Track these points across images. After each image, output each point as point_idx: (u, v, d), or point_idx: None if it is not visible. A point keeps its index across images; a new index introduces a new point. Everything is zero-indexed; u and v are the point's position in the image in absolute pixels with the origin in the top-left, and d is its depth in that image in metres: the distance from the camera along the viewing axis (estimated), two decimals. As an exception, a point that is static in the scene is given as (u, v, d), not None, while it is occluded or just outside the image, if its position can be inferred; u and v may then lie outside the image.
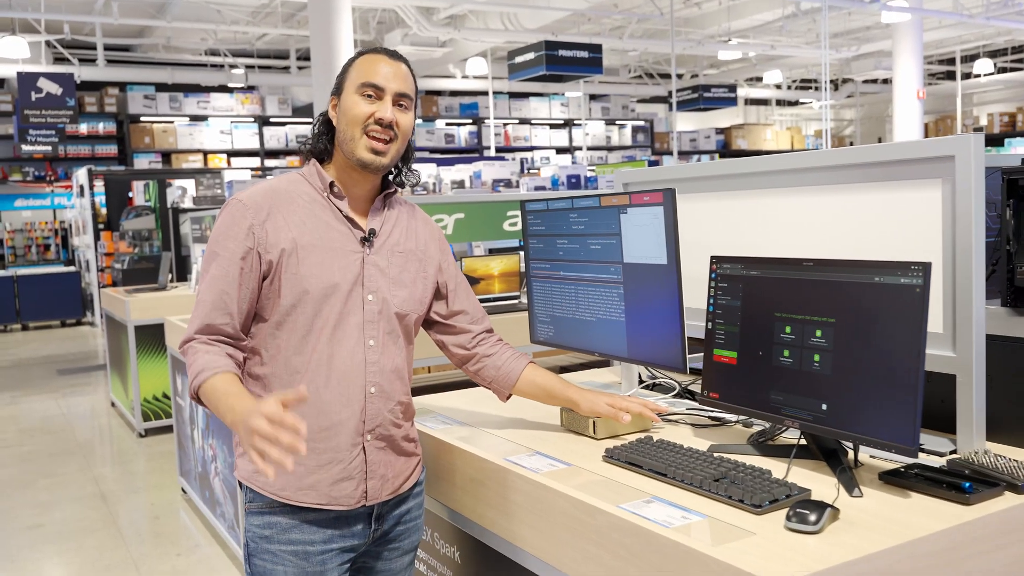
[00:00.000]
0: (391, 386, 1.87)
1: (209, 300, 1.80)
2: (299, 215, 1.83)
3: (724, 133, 20.66)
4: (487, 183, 9.66)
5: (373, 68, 1.85)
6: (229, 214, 1.83)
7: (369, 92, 1.83)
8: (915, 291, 1.54)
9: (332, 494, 1.81)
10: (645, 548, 1.45)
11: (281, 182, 1.89)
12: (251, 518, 1.85)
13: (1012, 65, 20.59)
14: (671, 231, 2.02)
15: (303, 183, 1.89)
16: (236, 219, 1.81)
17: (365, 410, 1.83)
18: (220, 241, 1.81)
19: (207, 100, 15.61)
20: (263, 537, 1.82)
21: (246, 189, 1.88)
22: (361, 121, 1.82)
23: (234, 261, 1.79)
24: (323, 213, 1.86)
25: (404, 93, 1.86)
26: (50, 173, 15.13)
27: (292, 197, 1.85)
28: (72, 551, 4.36)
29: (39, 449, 6.31)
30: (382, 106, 1.83)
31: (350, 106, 1.84)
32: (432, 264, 2.00)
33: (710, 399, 1.94)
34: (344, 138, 1.85)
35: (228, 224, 1.82)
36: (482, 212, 4.98)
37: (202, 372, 1.73)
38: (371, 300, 1.85)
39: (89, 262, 12.42)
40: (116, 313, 6.78)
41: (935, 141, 1.76)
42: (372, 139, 1.82)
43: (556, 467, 1.81)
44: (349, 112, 1.84)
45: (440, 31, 13.18)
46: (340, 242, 1.84)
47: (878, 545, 1.33)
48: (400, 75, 1.86)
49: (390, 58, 1.88)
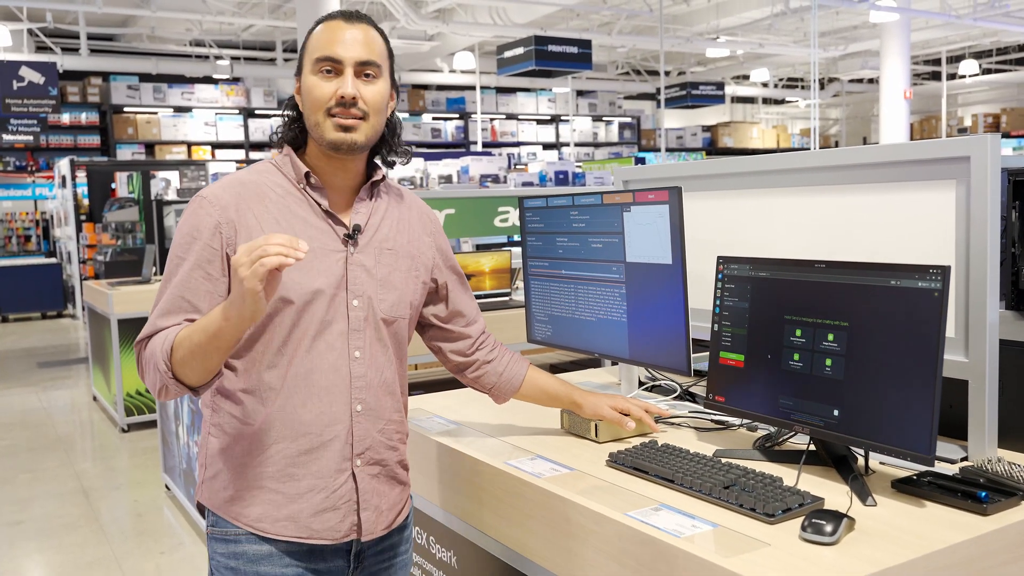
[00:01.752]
0: (380, 403, 1.67)
1: (170, 309, 1.58)
2: (271, 211, 1.61)
3: (711, 131, 20.67)
4: (475, 178, 9.61)
5: (329, 38, 1.61)
6: (193, 213, 1.61)
7: (327, 67, 1.60)
8: (933, 295, 1.50)
9: (313, 526, 1.61)
10: (655, 558, 1.41)
11: (250, 174, 1.67)
12: (216, 545, 1.65)
13: (997, 66, 20.71)
14: (677, 230, 1.97)
15: (275, 173, 1.67)
16: (201, 218, 1.60)
17: (352, 431, 1.63)
18: (183, 244, 1.60)
19: (192, 91, 15.45)
20: (229, 568, 1.63)
21: (211, 185, 1.67)
22: (323, 103, 1.59)
23: (199, 265, 1.58)
24: (299, 208, 1.64)
25: (367, 60, 1.60)
26: (31, 163, 14.94)
27: (263, 191, 1.63)
28: (53, 548, 4.28)
29: (19, 443, 6.21)
30: (341, 81, 1.59)
31: (310, 87, 1.61)
32: (426, 260, 1.78)
33: (716, 403, 1.89)
34: (310, 124, 1.63)
35: (192, 224, 1.60)
36: (472, 208, 4.93)
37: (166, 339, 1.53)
38: (356, 306, 1.63)
39: (71, 254, 12.27)
40: (99, 306, 6.69)
41: (950, 142, 1.72)
42: (337, 118, 1.59)
43: (559, 471, 1.76)
44: (309, 95, 1.61)
45: (428, 25, 13.10)
46: (320, 241, 1.62)
47: (897, 557, 1.29)
48: (361, 40, 1.61)
49: (348, 21, 1.63)
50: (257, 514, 1.61)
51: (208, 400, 1.69)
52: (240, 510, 1.61)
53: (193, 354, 1.50)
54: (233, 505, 1.62)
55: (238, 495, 1.62)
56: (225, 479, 1.63)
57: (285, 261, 1.36)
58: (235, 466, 1.63)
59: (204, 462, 1.68)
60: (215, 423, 1.66)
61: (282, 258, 1.36)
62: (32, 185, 15.06)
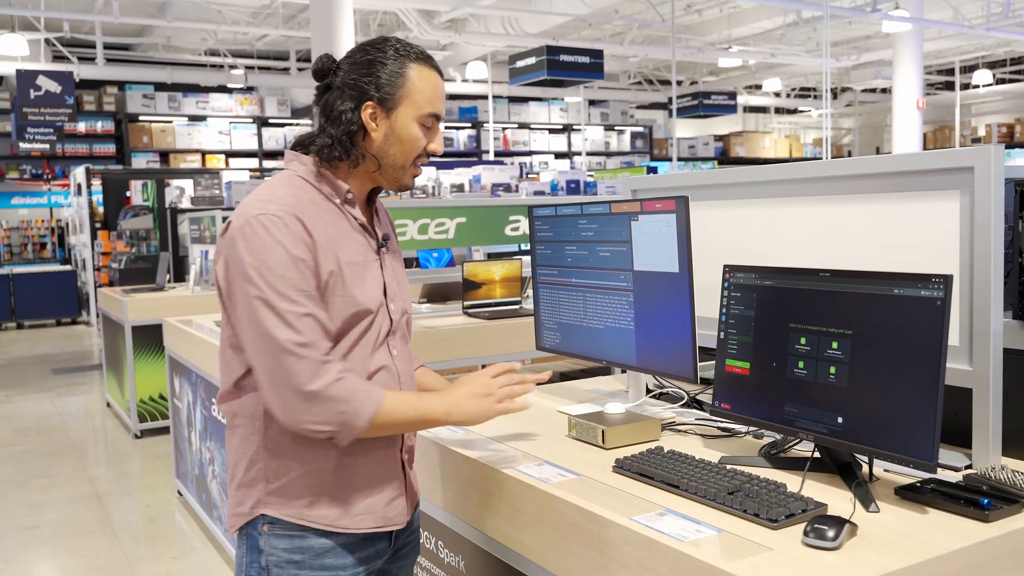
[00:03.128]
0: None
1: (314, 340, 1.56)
2: (328, 227, 1.65)
3: (723, 140, 20.68)
4: (486, 187, 9.65)
5: (434, 93, 1.70)
6: (275, 230, 1.57)
7: (430, 123, 1.71)
8: (936, 304, 1.52)
9: (387, 515, 1.74)
10: (659, 562, 1.43)
11: (292, 190, 1.66)
12: (275, 541, 1.67)
13: (1011, 76, 20.64)
14: (684, 239, 1.99)
15: (311, 190, 1.68)
16: (286, 233, 1.57)
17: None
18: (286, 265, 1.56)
19: (206, 100, 15.58)
20: (292, 562, 1.67)
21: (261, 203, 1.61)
22: (417, 153, 1.71)
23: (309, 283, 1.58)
24: (340, 222, 1.69)
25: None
26: (47, 171, 15.08)
27: (311, 208, 1.64)
28: (66, 552, 4.32)
29: (33, 449, 6.27)
30: (436, 137, 1.73)
31: (409, 136, 1.68)
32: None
33: (722, 410, 1.91)
34: (393, 164, 1.70)
35: (279, 240, 1.57)
36: (484, 216, 4.95)
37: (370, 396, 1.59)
38: (393, 309, 1.76)
39: (85, 261, 12.37)
40: (113, 313, 6.74)
41: (954, 152, 1.74)
42: (418, 168, 1.74)
43: (566, 477, 1.78)
44: (407, 141, 1.69)
45: (441, 34, 13.18)
46: (363, 253, 1.71)
47: (899, 563, 1.31)
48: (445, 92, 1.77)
49: (441, 75, 1.75)
50: (337, 514, 1.68)
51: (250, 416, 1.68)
52: (320, 513, 1.66)
53: (399, 427, 1.67)
54: (311, 509, 1.66)
55: (316, 499, 1.66)
56: (300, 486, 1.66)
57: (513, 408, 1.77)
58: (310, 471, 1.66)
59: (264, 476, 1.67)
60: (271, 438, 1.66)
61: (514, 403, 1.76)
62: (48, 193, 15.20)
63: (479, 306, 4.40)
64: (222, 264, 1.64)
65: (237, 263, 1.58)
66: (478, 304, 4.40)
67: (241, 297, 1.58)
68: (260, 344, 1.56)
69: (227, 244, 1.62)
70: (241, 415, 1.70)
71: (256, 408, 1.67)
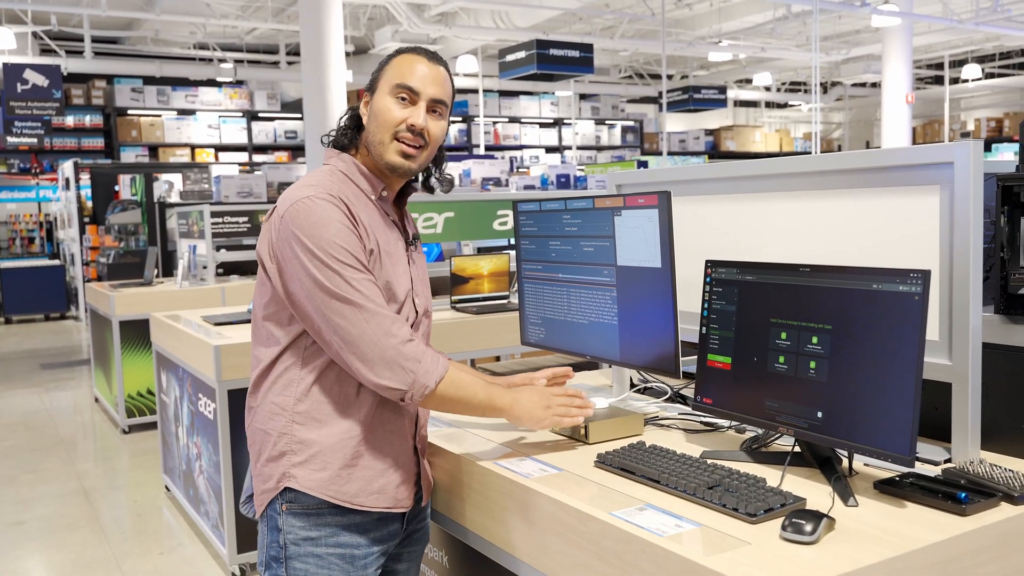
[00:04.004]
0: None
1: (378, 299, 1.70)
2: (365, 218, 1.76)
3: (713, 134, 20.68)
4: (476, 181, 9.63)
5: (410, 69, 1.78)
6: (327, 208, 1.69)
7: (403, 95, 1.77)
8: (914, 299, 1.53)
9: (397, 496, 1.82)
10: (638, 556, 1.43)
11: (332, 180, 1.77)
12: (293, 519, 1.76)
13: (1000, 71, 20.70)
14: (666, 234, 1.99)
15: (348, 184, 1.79)
16: (337, 212, 1.69)
17: (417, 412, 1.87)
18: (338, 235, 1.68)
19: (195, 94, 15.50)
20: (308, 539, 1.76)
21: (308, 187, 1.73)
22: (392, 126, 1.76)
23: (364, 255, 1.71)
24: (375, 215, 1.80)
25: (440, 99, 1.80)
26: (35, 165, 15.00)
27: (352, 199, 1.76)
28: (54, 548, 4.31)
29: (21, 444, 6.24)
30: (416, 111, 1.77)
31: (382, 109, 1.77)
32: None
33: (703, 404, 1.92)
34: (373, 140, 1.79)
35: (334, 217, 1.69)
36: (472, 211, 4.96)
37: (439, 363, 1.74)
38: (418, 303, 1.87)
39: (74, 256, 12.32)
40: (101, 308, 6.72)
41: (934, 147, 1.74)
42: (402, 143, 1.77)
43: (548, 472, 1.79)
44: (381, 115, 1.77)
45: (431, 28, 13.14)
46: (395, 247, 1.82)
47: (875, 556, 1.32)
48: (438, 79, 1.79)
49: (429, 60, 1.80)
50: (355, 490, 1.76)
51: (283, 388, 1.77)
52: (340, 487, 1.74)
53: (462, 402, 1.79)
54: (333, 484, 1.74)
55: (338, 474, 1.75)
56: (324, 459, 1.75)
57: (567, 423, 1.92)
58: (332, 448, 1.75)
59: (290, 449, 1.75)
60: (303, 411, 1.75)
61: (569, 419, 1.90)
62: (36, 187, 15.13)
63: (467, 300, 4.40)
64: (267, 245, 1.76)
65: (291, 240, 1.68)
66: (466, 299, 4.40)
67: (299, 269, 1.68)
68: (331, 308, 1.66)
69: (276, 226, 1.72)
70: (275, 389, 1.78)
71: (291, 382, 1.76)
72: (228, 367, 3.61)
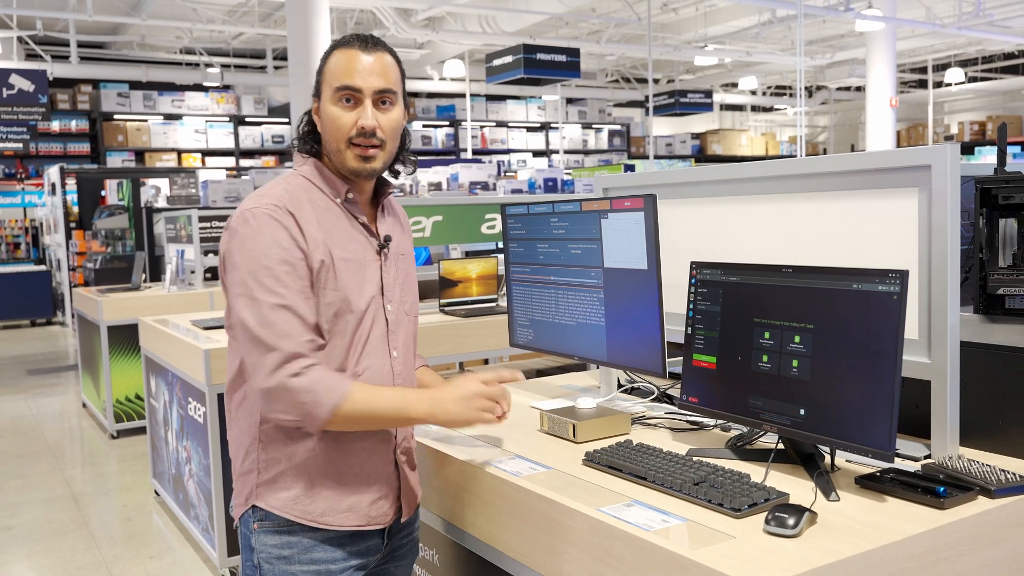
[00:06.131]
0: None
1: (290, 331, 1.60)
2: (323, 223, 1.70)
3: (700, 138, 20.79)
4: (464, 185, 9.66)
5: (347, 66, 1.68)
6: (265, 223, 1.64)
7: (346, 96, 1.69)
8: (892, 298, 1.57)
9: (371, 514, 1.76)
10: (625, 551, 1.46)
11: (293, 189, 1.72)
12: (264, 537, 1.72)
13: (982, 75, 20.89)
14: (652, 236, 2.03)
15: (312, 189, 1.74)
16: (277, 228, 1.64)
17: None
18: (264, 255, 1.61)
19: (182, 99, 15.47)
20: (282, 558, 1.71)
21: (257, 197, 1.69)
22: (344, 133, 1.69)
23: (296, 275, 1.63)
24: (339, 221, 1.74)
25: (385, 89, 1.70)
26: (21, 171, 14.92)
27: (307, 204, 1.70)
28: (43, 553, 4.31)
29: (8, 450, 6.22)
30: (362, 111, 1.69)
31: (331, 117, 1.70)
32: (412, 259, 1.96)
33: (689, 403, 1.95)
34: (329, 149, 1.74)
35: (270, 234, 1.63)
36: (460, 215, 4.98)
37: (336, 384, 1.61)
38: (390, 310, 1.79)
39: (60, 261, 12.27)
40: (88, 313, 6.71)
41: (912, 151, 1.78)
42: (358, 148, 1.70)
43: (536, 470, 1.82)
44: (330, 124, 1.71)
45: (418, 33, 13.17)
46: (362, 252, 1.75)
47: (855, 548, 1.35)
48: (378, 68, 1.69)
49: (365, 50, 1.70)
50: (322, 509, 1.71)
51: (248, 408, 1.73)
52: (305, 507, 1.70)
53: (372, 421, 1.69)
54: (297, 503, 1.70)
55: (304, 493, 1.70)
56: (289, 479, 1.71)
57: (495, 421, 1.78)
58: (298, 467, 1.70)
59: (257, 467, 1.73)
60: (265, 429, 1.71)
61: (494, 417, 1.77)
62: (22, 192, 15.05)
63: (456, 304, 4.43)
64: (220, 258, 1.73)
65: (228, 255, 1.67)
66: (455, 302, 4.43)
67: (229, 286, 1.68)
68: (239, 333, 1.64)
69: (223, 238, 1.71)
70: (242, 405, 1.75)
71: (255, 398, 1.71)
72: (217, 371, 3.63)
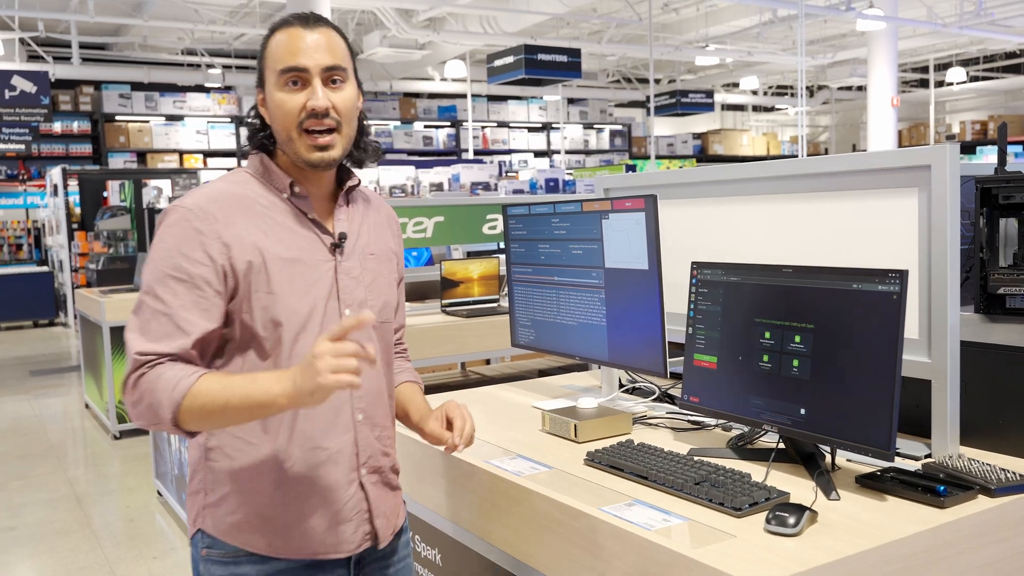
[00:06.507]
0: (375, 410, 1.64)
1: (159, 334, 1.46)
2: (260, 224, 1.54)
3: (701, 138, 20.79)
4: (466, 186, 9.67)
5: (288, 47, 1.53)
6: (177, 225, 1.51)
7: (293, 79, 1.53)
8: (892, 298, 1.57)
9: (327, 541, 1.56)
10: (626, 550, 1.47)
11: (230, 185, 1.59)
12: (211, 567, 1.56)
13: (984, 74, 20.88)
14: (652, 237, 2.04)
15: (254, 184, 1.60)
16: (187, 232, 1.50)
17: (356, 440, 1.60)
18: (168, 258, 1.49)
19: (183, 100, 15.48)
20: None
21: (190, 194, 1.56)
22: (293, 119, 1.53)
23: (191, 287, 1.48)
24: (284, 218, 1.57)
25: (333, 66, 1.54)
26: (23, 172, 14.94)
27: (247, 202, 1.56)
28: (46, 553, 4.32)
29: (11, 451, 6.24)
30: (311, 92, 1.53)
31: (278, 103, 1.54)
32: (397, 262, 1.76)
33: (690, 403, 1.96)
34: (281, 139, 1.57)
35: (178, 238, 1.50)
36: (462, 215, 4.99)
37: (181, 379, 1.43)
38: (348, 315, 1.58)
39: (62, 262, 12.29)
40: (91, 314, 6.72)
41: (911, 151, 1.79)
42: (312, 134, 1.54)
43: (538, 470, 1.83)
44: (278, 111, 1.55)
45: (419, 33, 13.17)
46: (309, 252, 1.57)
47: (855, 547, 1.36)
48: (324, 46, 1.54)
49: (306, 27, 1.55)
50: (270, 537, 1.54)
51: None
52: (248, 537, 1.54)
53: (223, 414, 1.43)
54: (241, 532, 1.55)
55: (247, 520, 1.55)
56: (232, 503, 1.55)
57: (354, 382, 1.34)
58: (243, 490, 1.55)
59: (203, 488, 1.58)
60: (213, 446, 1.56)
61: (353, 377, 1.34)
62: (24, 194, 15.07)
63: (457, 304, 4.43)
64: None
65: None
66: (456, 302, 4.43)
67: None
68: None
69: None
70: None
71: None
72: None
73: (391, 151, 16.44)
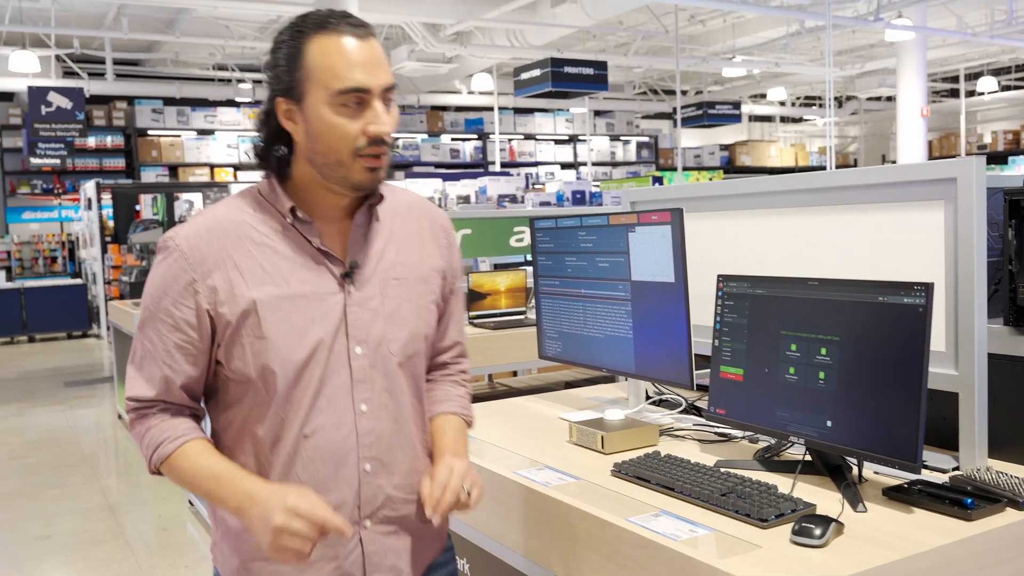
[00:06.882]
0: (394, 457, 1.49)
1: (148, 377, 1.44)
2: (256, 257, 1.42)
3: (728, 149, 20.74)
4: (492, 198, 9.73)
5: (344, 60, 1.36)
6: (165, 264, 1.44)
7: (352, 100, 1.38)
8: (918, 310, 1.58)
9: None
10: (654, 561, 1.49)
11: (230, 211, 1.46)
12: None
13: (1016, 83, 20.65)
14: (679, 250, 2.06)
15: (257, 209, 1.46)
16: (174, 272, 1.42)
17: (360, 493, 1.46)
18: (156, 296, 1.43)
19: (214, 114, 15.72)
20: None
21: (188, 222, 1.47)
22: (350, 143, 1.39)
23: (175, 328, 1.41)
24: (284, 247, 1.44)
25: (392, 85, 1.42)
26: (58, 186, 15.23)
27: (244, 231, 1.44)
28: (79, 562, 4.39)
29: (46, 461, 6.34)
30: (372, 115, 1.39)
31: (330, 125, 1.38)
32: (436, 275, 1.58)
33: (717, 415, 1.97)
34: (325, 162, 1.41)
35: (165, 277, 1.43)
36: (489, 228, 5.03)
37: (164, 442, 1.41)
38: (360, 353, 1.45)
39: (96, 275, 12.48)
40: (124, 326, 6.83)
41: (937, 164, 1.80)
42: (368, 158, 1.40)
43: (566, 481, 1.84)
44: (330, 134, 1.38)
45: (446, 47, 13.27)
46: (312, 285, 1.43)
47: (881, 559, 1.36)
48: (381, 59, 1.40)
49: (357, 35, 1.39)
50: None
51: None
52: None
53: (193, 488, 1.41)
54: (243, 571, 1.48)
55: (243, 567, 1.48)
56: (226, 549, 1.51)
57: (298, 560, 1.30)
58: (235, 537, 1.48)
59: (214, 521, 1.55)
60: None
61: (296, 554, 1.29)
62: (59, 207, 15.36)
63: (485, 316, 4.46)
64: None
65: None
66: (484, 314, 4.46)
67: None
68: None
69: None
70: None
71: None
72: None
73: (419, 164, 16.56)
